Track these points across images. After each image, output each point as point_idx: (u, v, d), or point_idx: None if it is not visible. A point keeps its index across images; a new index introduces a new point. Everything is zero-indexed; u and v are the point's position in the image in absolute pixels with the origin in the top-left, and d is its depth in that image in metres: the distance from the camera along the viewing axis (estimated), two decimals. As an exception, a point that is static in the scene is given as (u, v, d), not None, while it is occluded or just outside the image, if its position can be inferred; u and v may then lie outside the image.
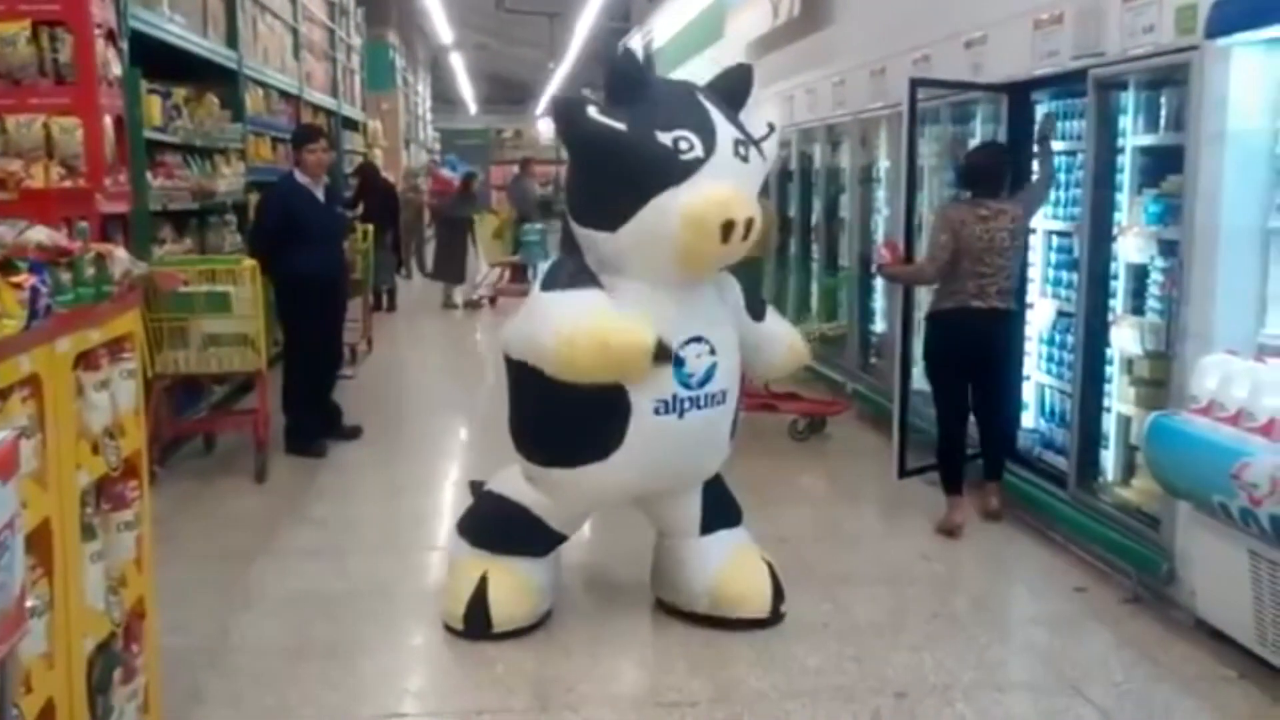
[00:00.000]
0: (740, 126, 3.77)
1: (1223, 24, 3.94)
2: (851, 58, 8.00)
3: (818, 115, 8.66)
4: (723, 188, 3.55)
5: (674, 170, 3.57)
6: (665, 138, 3.59)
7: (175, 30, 6.83)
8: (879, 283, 7.76)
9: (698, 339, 3.74)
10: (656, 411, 3.70)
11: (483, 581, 3.93)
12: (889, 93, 7.04)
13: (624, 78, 3.79)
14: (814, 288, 9.18)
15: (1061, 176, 5.39)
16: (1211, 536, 3.84)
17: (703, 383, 3.75)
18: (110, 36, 5.31)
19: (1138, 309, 4.75)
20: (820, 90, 8.57)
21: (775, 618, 4.08)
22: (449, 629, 4.02)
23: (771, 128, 3.91)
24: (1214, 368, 3.88)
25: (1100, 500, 4.78)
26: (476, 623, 3.93)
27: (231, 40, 8.40)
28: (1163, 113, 4.60)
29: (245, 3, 8.85)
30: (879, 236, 7.69)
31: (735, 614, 4.03)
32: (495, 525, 4.09)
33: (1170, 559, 4.15)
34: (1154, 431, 3.98)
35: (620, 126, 3.62)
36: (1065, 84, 5.14)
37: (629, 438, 3.72)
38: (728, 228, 3.48)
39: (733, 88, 3.90)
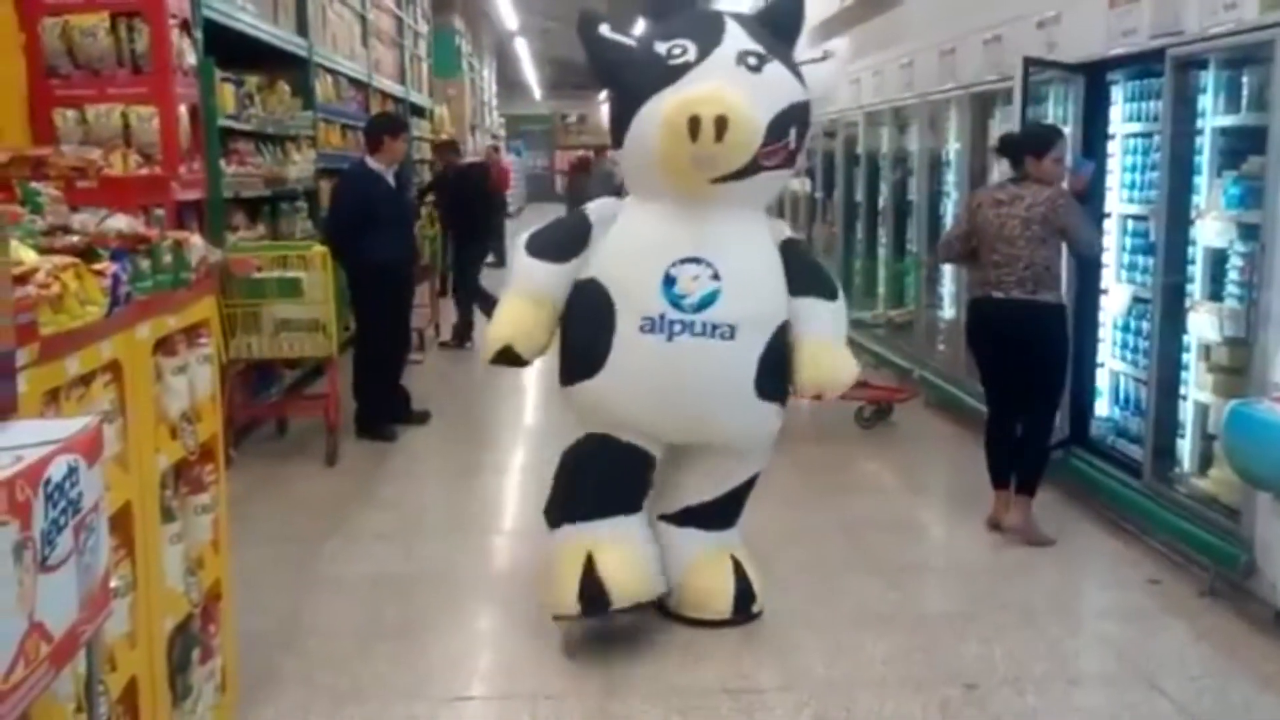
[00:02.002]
0: (774, 49, 3.65)
1: (1310, 1, 3.82)
2: (920, 39, 7.89)
3: (885, 98, 8.56)
4: (700, 86, 3.46)
5: (662, 74, 3.54)
6: (661, 46, 3.59)
7: (247, 19, 6.92)
8: (947, 268, 7.66)
9: (695, 259, 3.57)
10: (642, 329, 3.59)
11: (589, 560, 3.70)
12: (959, 74, 6.94)
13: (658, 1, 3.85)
14: (881, 273, 9.09)
15: (1138, 159, 5.28)
16: (1293, 529, 3.75)
17: (699, 307, 3.55)
18: (185, 26, 5.39)
19: (1216, 294, 4.64)
20: (888, 72, 8.46)
21: (745, 618, 3.96)
22: (560, 618, 3.80)
23: (827, 54, 3.82)
24: (1297, 355, 3.78)
25: (1176, 490, 4.68)
26: (594, 600, 3.66)
27: (302, 28, 8.50)
28: (1244, 93, 4.47)
29: (315, -10, 8.94)
30: (948, 221, 7.59)
31: (697, 615, 3.93)
32: (569, 477, 3.93)
33: (1250, 551, 4.05)
34: (1233, 420, 3.89)
35: (627, 41, 3.71)
36: (1144, 62, 5.02)
37: (614, 354, 3.65)
38: (694, 124, 3.35)
39: (778, 18, 3.82)
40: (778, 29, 3.77)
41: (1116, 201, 5.38)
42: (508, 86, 36.61)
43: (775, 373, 3.72)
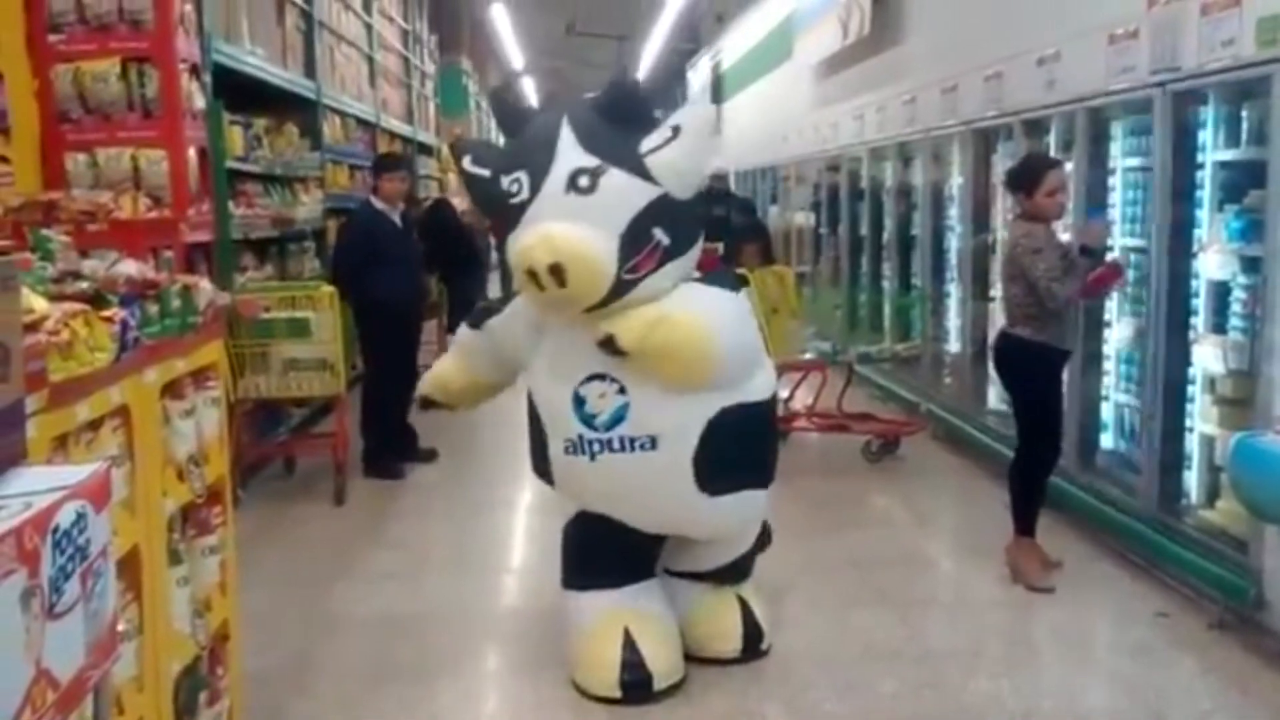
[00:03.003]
0: (615, 148, 3.41)
1: (1306, 36, 3.86)
2: (922, 75, 7.96)
3: (888, 133, 8.62)
4: (530, 234, 3.34)
5: (508, 215, 3.48)
6: (505, 180, 3.49)
7: (256, 62, 7.01)
8: (953, 301, 7.69)
9: (599, 376, 3.47)
10: (566, 451, 3.57)
11: (628, 637, 3.64)
12: (960, 110, 6.99)
13: (501, 117, 3.80)
14: (886, 307, 9.11)
15: (1140, 193, 5.30)
16: (1301, 561, 3.74)
17: (611, 425, 3.47)
18: (194, 70, 5.47)
19: (1220, 327, 4.65)
20: (891, 108, 8.53)
21: (753, 655, 3.94)
22: (593, 697, 3.69)
23: (676, 130, 3.44)
24: (1301, 388, 3.79)
25: (1183, 523, 4.67)
26: (636, 684, 3.63)
27: (310, 70, 8.60)
28: (1244, 127, 4.51)
29: (323, 33, 9.06)
30: (952, 255, 7.63)
31: (703, 654, 3.89)
32: (581, 548, 3.86)
33: (1258, 583, 4.04)
34: (1238, 452, 3.87)
35: (484, 173, 3.60)
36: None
37: (554, 471, 3.70)
38: (532, 275, 3.29)
39: (617, 110, 3.51)
40: (619, 121, 3.48)
41: (1118, 235, 5.40)
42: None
43: (724, 464, 3.53)
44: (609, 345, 3.36)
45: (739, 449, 3.57)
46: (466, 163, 3.65)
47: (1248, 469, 3.84)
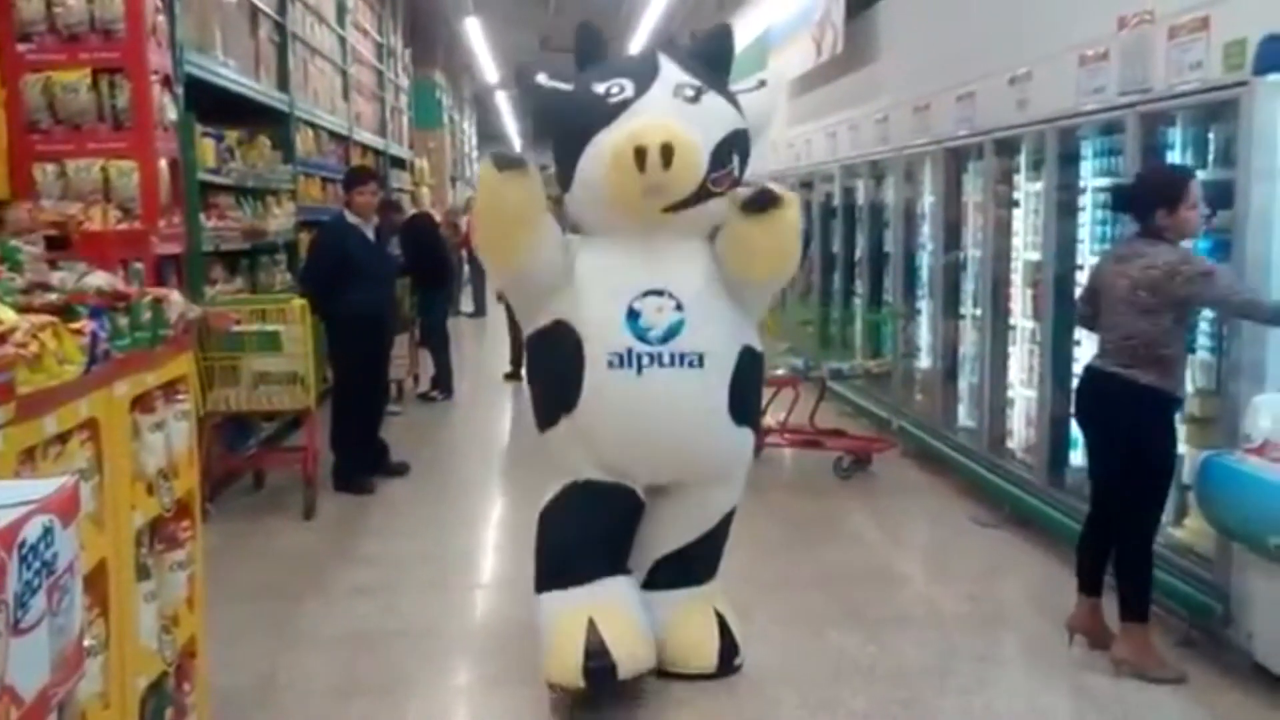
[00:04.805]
0: (709, 80, 3.78)
1: (1272, 60, 3.91)
2: (895, 94, 8.02)
3: (861, 151, 8.67)
4: (642, 119, 3.56)
5: (603, 113, 3.64)
6: (600, 87, 3.70)
7: (228, 74, 6.98)
8: (925, 319, 7.73)
9: (657, 291, 3.64)
10: (610, 365, 3.62)
11: (591, 625, 3.62)
12: (933, 129, 7.05)
13: (584, 47, 3.97)
14: (858, 324, 9.15)
15: (1108, 213, 5.34)
16: (1268, 579, 3.77)
17: (665, 338, 3.61)
18: (166, 82, 5.44)
19: (1189, 346, 4.68)
20: (864, 126, 8.59)
21: (727, 670, 3.95)
22: (559, 688, 3.68)
23: (762, 83, 3.97)
24: (1268, 407, 3.83)
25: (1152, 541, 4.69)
26: (599, 671, 3.58)
27: (283, 83, 8.56)
28: (1211, 148, 4.56)
29: (296, 46, 9.03)
30: (924, 272, 7.68)
31: (681, 669, 3.90)
32: (554, 535, 3.84)
33: (1225, 601, 4.07)
34: (1206, 471, 3.93)
35: (565, 86, 3.80)
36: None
37: (585, 393, 3.67)
38: (640, 154, 3.44)
39: (710, 49, 3.97)
40: (710, 62, 3.90)
41: (1087, 254, 5.45)
42: (488, 138, 36.85)
43: (746, 396, 3.84)
44: (763, 197, 3.63)
45: (753, 387, 3.94)
46: (542, 78, 3.82)
47: (1216, 487, 3.89)
